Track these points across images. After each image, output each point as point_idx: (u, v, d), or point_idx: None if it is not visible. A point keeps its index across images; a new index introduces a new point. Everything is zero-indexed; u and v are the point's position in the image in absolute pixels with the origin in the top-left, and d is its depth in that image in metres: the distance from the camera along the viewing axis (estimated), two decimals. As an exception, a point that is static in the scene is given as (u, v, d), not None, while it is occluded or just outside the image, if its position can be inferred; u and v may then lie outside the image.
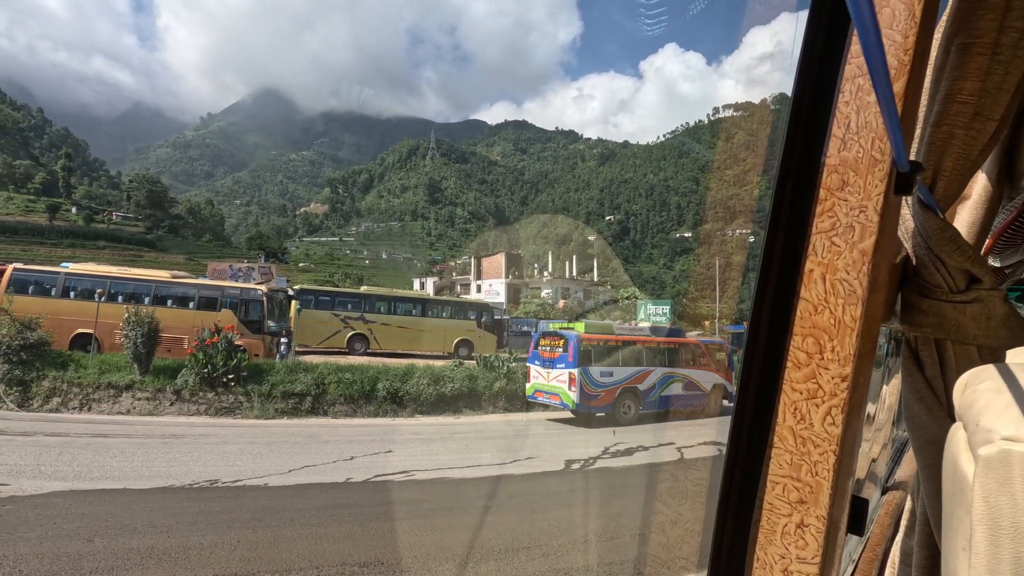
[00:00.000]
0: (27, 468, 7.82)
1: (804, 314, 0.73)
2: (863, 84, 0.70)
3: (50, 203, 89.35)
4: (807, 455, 0.71)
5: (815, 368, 0.71)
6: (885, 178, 0.67)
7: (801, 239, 0.74)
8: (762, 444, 0.77)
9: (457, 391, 15.77)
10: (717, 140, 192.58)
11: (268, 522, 6.20)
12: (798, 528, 0.72)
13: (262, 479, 7.81)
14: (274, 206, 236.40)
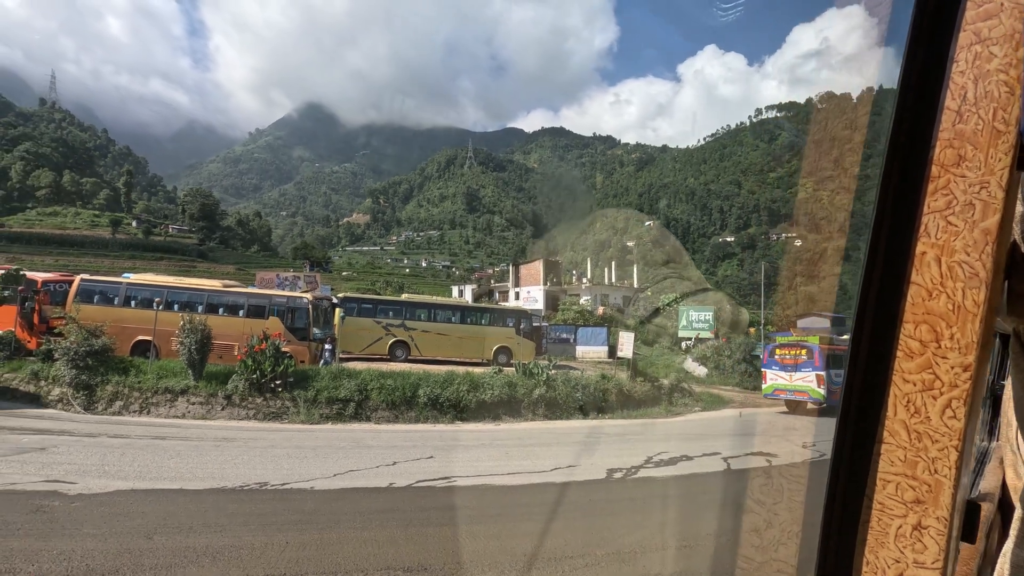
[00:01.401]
0: (92, 468, 8.26)
1: (916, 300, 0.67)
2: (981, 52, 0.64)
3: (113, 217, 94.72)
4: (924, 451, 0.66)
5: (931, 357, 0.66)
6: (1010, 151, 0.61)
7: (910, 220, 0.68)
8: (870, 440, 0.71)
9: (497, 398, 15.78)
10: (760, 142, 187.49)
11: (315, 524, 6.34)
12: (915, 530, 0.66)
13: (309, 482, 8.00)
14: (318, 217, 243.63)
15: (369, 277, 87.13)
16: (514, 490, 8.38)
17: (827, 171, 2.61)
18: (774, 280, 45.96)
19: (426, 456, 10.36)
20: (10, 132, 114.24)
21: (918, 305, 0.67)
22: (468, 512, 7.18)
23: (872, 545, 0.70)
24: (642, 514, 7.67)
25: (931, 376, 0.66)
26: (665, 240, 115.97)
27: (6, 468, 7.97)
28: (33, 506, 6.35)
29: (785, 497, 1.72)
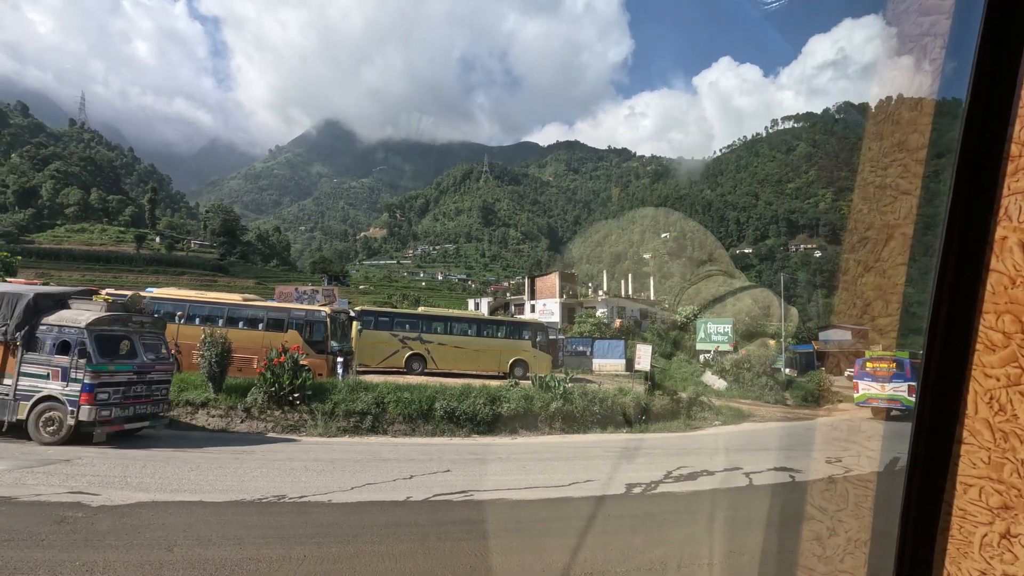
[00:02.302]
0: (115, 479, 8.36)
1: (998, 288, 0.62)
2: None
3: (137, 233, 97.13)
4: (1012, 452, 0.59)
5: (1016, 350, 0.59)
6: None
7: (987, 204, 0.63)
8: (948, 441, 0.65)
9: (513, 411, 15.70)
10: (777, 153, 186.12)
11: (333, 538, 6.32)
12: (1003, 539, 0.59)
13: (326, 495, 8.00)
14: (336, 231, 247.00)
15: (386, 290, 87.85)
16: (532, 504, 8.29)
17: (888, 175, 2.50)
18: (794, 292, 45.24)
19: (443, 470, 10.31)
20: (41, 152, 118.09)
21: (1000, 294, 0.61)
22: (485, 527, 7.11)
23: (953, 555, 0.64)
24: (663, 530, 7.52)
25: (1017, 370, 0.59)
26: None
27: (32, 479, 8.11)
28: (57, 517, 6.44)
29: (851, 503, 1.62)
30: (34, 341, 11.07)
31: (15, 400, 10.87)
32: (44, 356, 11.00)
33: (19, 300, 11.12)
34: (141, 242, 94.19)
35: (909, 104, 1.46)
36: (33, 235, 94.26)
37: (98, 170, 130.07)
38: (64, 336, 11.03)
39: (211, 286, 60.57)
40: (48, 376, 10.93)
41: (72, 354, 10.89)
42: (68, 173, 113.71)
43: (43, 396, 10.84)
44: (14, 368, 10.99)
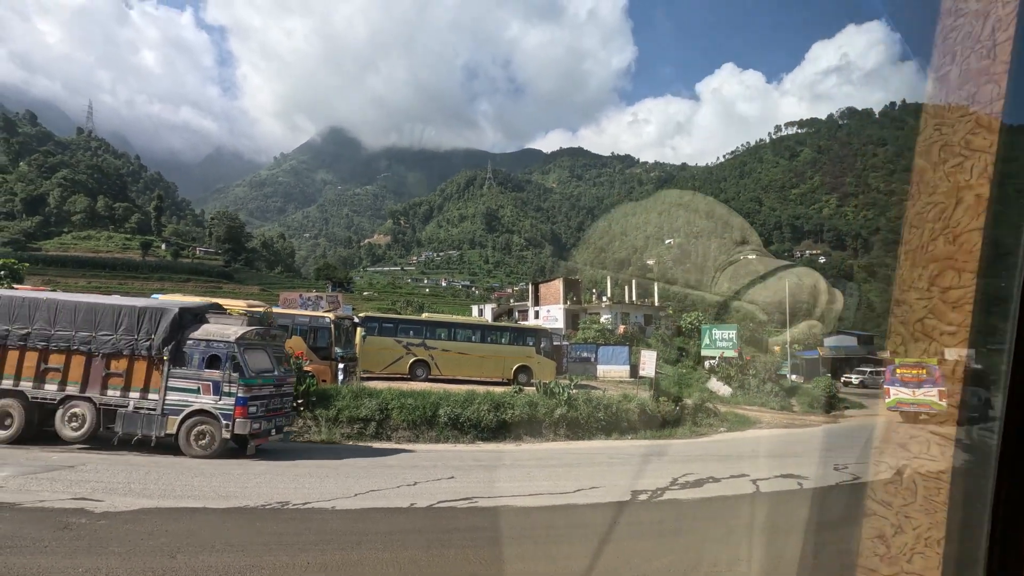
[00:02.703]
0: (119, 486, 8.35)
1: None
2: None
3: (143, 240, 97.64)
4: None
5: None
6: None
7: None
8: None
9: (517, 418, 15.63)
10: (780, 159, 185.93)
11: (336, 545, 6.28)
12: None
13: (330, 502, 7.96)
14: (340, 238, 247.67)
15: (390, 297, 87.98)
16: (536, 511, 8.23)
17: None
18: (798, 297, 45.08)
19: (447, 476, 10.25)
20: (49, 160, 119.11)
21: None
22: (490, 534, 7.05)
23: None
24: (670, 537, 7.44)
25: None
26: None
27: (36, 485, 8.11)
28: (61, 523, 6.42)
29: (920, 497, 1.50)
30: (181, 356, 11.11)
31: (163, 415, 10.93)
32: (193, 370, 11.06)
33: (163, 316, 11.21)
34: (147, 249, 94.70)
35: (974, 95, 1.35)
36: (40, 242, 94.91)
37: (105, 178, 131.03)
38: (213, 350, 11.07)
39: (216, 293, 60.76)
40: (198, 390, 10.97)
41: (223, 368, 10.96)
42: (75, 181, 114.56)
43: (194, 410, 10.90)
44: (159, 383, 11.05)
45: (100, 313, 11.37)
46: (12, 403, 11.02)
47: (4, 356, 11.25)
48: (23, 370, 11.23)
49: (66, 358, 11.25)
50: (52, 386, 11.21)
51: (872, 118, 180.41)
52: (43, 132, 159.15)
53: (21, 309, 11.38)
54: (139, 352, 11.13)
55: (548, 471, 11.64)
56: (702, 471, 11.20)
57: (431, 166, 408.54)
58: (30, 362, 11.24)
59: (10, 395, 11.09)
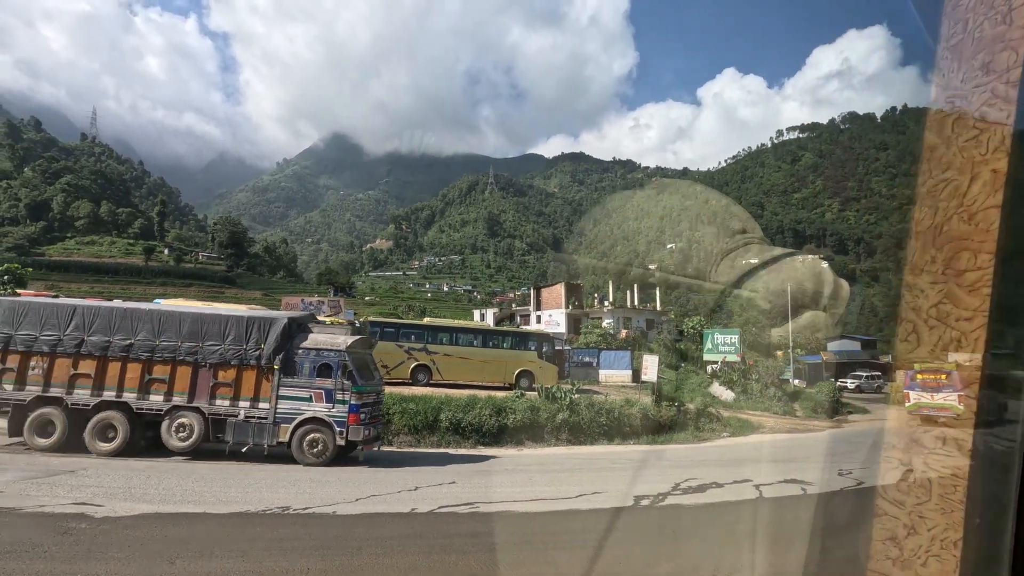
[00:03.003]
0: (119, 490, 8.33)
1: None
2: None
3: (146, 245, 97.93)
4: None
5: None
6: None
7: None
8: None
9: (519, 422, 15.58)
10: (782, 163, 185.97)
11: (337, 550, 6.24)
12: None
13: (330, 507, 7.93)
14: (342, 243, 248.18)
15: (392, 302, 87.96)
16: (538, 517, 8.18)
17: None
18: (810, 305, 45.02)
19: (448, 481, 10.21)
20: (53, 166, 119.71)
21: None
22: (491, 539, 7.01)
23: None
24: (672, 543, 7.39)
25: None
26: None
27: (36, 490, 8.09)
28: (61, 528, 6.40)
29: (935, 495, 1.39)
30: (291, 365, 11.27)
31: (275, 424, 11.06)
32: (304, 379, 11.25)
33: (272, 325, 11.35)
34: (150, 254, 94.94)
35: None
36: (44, 247, 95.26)
37: (108, 183, 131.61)
38: (324, 359, 11.31)
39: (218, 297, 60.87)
40: (311, 398, 11.18)
41: (335, 376, 11.21)
42: (79, 186, 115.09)
43: (306, 418, 11.09)
44: (269, 392, 11.18)
45: (206, 323, 11.41)
46: (116, 415, 10.99)
47: (105, 367, 11.21)
48: (126, 381, 11.19)
49: (171, 368, 11.24)
50: (158, 397, 11.19)
51: (874, 123, 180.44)
52: (47, 138, 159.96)
53: (123, 320, 11.37)
54: (248, 361, 11.22)
55: (550, 476, 11.59)
56: (705, 476, 11.14)
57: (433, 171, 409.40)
58: (133, 373, 11.21)
59: (113, 407, 11.06)
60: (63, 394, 11.04)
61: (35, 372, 11.11)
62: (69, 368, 11.14)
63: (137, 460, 10.83)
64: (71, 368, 11.14)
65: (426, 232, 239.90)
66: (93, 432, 10.87)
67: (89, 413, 10.99)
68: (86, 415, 10.98)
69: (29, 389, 11.07)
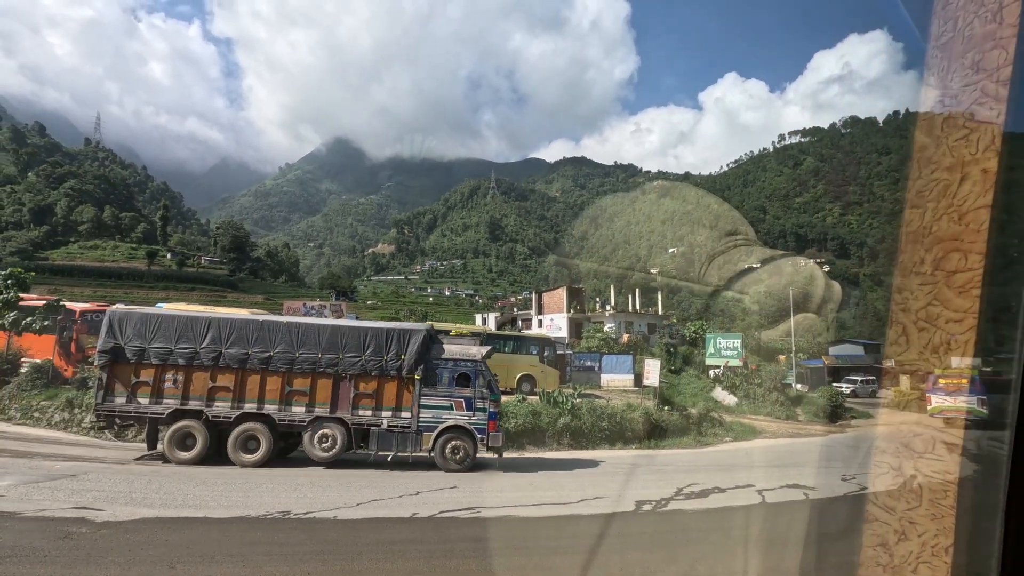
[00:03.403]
0: (120, 495, 8.32)
1: None
2: None
3: (149, 250, 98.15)
4: None
5: None
6: None
7: None
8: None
9: (521, 427, 15.54)
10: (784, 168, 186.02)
11: (337, 555, 6.22)
12: None
13: (331, 512, 7.91)
14: (344, 248, 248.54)
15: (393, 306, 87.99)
16: (540, 522, 8.15)
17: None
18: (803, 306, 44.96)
19: (449, 486, 10.18)
20: (57, 171, 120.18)
21: None
22: (493, 544, 6.98)
23: None
24: (674, 548, 7.35)
25: None
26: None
27: (38, 494, 8.08)
28: (61, 532, 6.39)
29: (926, 500, 1.36)
30: (431, 375, 11.62)
31: (418, 432, 11.37)
32: (444, 388, 11.63)
33: (412, 337, 11.68)
34: (152, 258, 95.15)
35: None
36: (47, 252, 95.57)
37: (112, 188, 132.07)
38: (461, 369, 11.75)
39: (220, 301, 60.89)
40: (451, 407, 11.56)
41: (474, 385, 11.68)
42: (83, 191, 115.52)
43: (448, 426, 11.44)
44: (410, 401, 11.48)
45: (345, 335, 11.58)
46: (258, 427, 11.05)
47: (245, 380, 11.27)
48: (266, 393, 11.26)
49: (312, 380, 11.36)
50: (299, 408, 11.29)
51: (876, 127, 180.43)
52: (52, 143, 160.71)
53: (260, 332, 11.41)
54: (388, 372, 11.46)
55: (552, 481, 11.55)
56: (707, 481, 11.09)
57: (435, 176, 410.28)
58: (273, 385, 11.29)
59: (255, 419, 11.10)
60: (202, 407, 11.06)
61: (171, 385, 11.09)
62: (207, 381, 11.16)
63: (139, 465, 10.83)
64: (209, 381, 11.16)
65: (428, 236, 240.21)
66: (236, 444, 10.95)
67: (231, 425, 11.05)
68: (227, 427, 11.06)
69: (166, 402, 11.04)
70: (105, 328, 11.08)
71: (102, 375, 11.00)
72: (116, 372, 11.00)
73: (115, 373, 11.00)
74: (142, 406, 10.99)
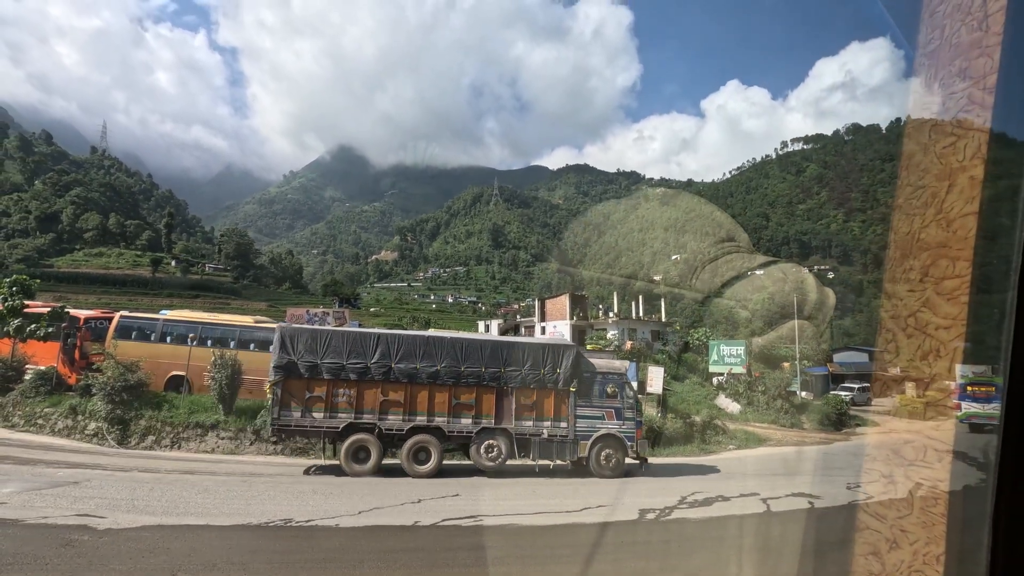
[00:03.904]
0: (122, 502, 8.32)
1: None
2: None
3: (154, 257, 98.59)
4: None
5: None
6: None
7: None
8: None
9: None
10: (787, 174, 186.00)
11: (339, 563, 6.20)
12: None
13: (333, 519, 7.88)
14: (348, 255, 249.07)
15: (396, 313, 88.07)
16: (543, 530, 8.10)
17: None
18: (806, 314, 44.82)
19: (451, 494, 10.14)
20: (63, 179, 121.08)
21: None
22: (495, 553, 6.95)
23: None
24: (677, 558, 7.30)
25: None
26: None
27: (40, 501, 8.09)
28: (63, 540, 6.39)
29: (917, 508, 1.34)
30: (583, 387, 12.40)
31: (575, 441, 12.16)
32: (596, 400, 12.48)
33: (566, 352, 12.47)
34: (157, 266, 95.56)
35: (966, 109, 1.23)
36: (53, 259, 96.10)
37: (117, 196, 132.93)
38: (610, 381, 12.65)
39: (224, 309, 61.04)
40: (603, 417, 12.44)
41: (622, 396, 12.61)
42: (88, 199, 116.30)
43: (601, 435, 12.27)
44: (566, 412, 12.22)
45: (506, 350, 12.29)
46: (430, 439, 11.60)
47: (415, 394, 11.76)
48: (435, 406, 11.78)
49: (476, 393, 11.98)
50: (467, 420, 11.90)
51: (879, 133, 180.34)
52: (58, 151, 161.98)
53: (426, 347, 11.95)
54: (546, 385, 12.14)
55: (554, 489, 11.50)
56: (711, 489, 11.02)
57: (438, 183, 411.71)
58: (441, 398, 11.83)
59: (426, 431, 11.69)
60: (375, 420, 11.51)
61: (344, 400, 11.46)
62: (378, 395, 11.62)
63: (142, 472, 10.83)
64: (380, 395, 11.62)
65: (431, 243, 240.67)
66: (409, 456, 11.46)
67: (403, 438, 11.56)
68: (398, 440, 11.59)
69: (340, 416, 11.43)
70: (278, 344, 11.42)
71: (277, 390, 11.32)
72: (289, 387, 11.38)
73: (289, 388, 11.38)
74: (317, 420, 11.37)
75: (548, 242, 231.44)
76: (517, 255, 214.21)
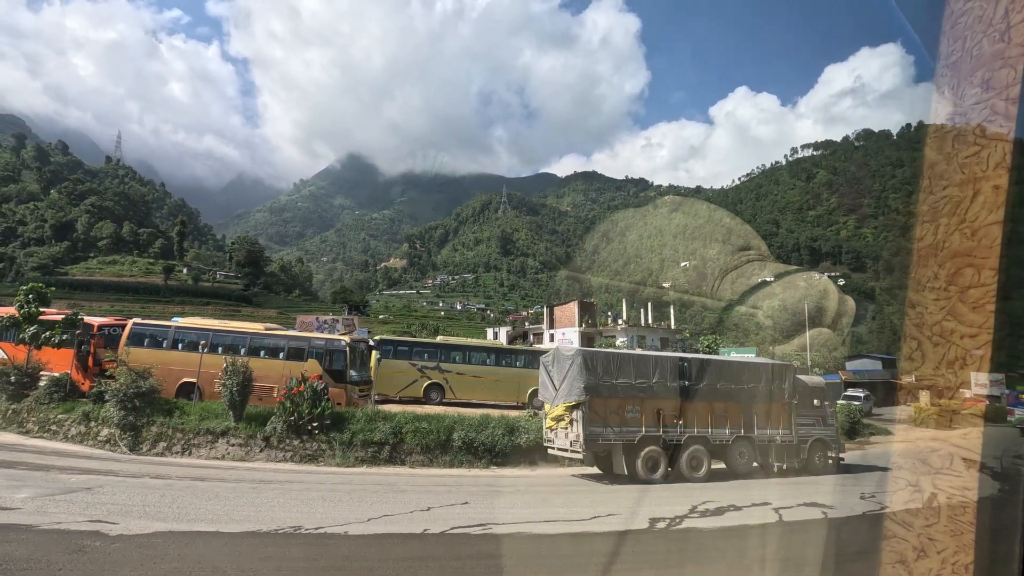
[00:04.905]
0: (134, 508, 8.37)
1: None
2: None
3: (166, 265, 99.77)
4: None
5: None
6: None
7: None
8: None
9: (533, 442, 15.40)
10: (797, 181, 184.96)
11: (348, 571, 6.19)
12: None
13: (342, 527, 7.88)
14: (357, 262, 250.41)
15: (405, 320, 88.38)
16: (552, 539, 8.05)
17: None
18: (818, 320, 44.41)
19: (461, 502, 10.11)
20: (78, 188, 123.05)
21: None
22: (504, 562, 6.90)
23: None
24: (688, 568, 7.20)
25: None
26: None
27: (54, 507, 8.16)
28: (76, 546, 6.44)
29: (944, 517, 1.32)
30: (801, 400, 14.49)
31: (798, 445, 14.28)
32: (807, 409, 14.57)
33: (787, 371, 14.65)
34: (169, 273, 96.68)
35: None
36: (67, 267, 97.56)
37: (131, 204, 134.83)
38: (816, 395, 14.80)
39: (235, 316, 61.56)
40: (814, 424, 14.66)
41: (824, 406, 14.83)
42: (102, 208, 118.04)
43: (815, 440, 14.49)
44: (792, 421, 14.31)
45: (747, 370, 14.41)
46: (700, 448, 13.31)
47: (685, 409, 13.36)
48: (698, 419, 13.49)
49: (726, 407, 13.75)
50: (724, 430, 13.69)
51: (890, 139, 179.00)
52: (74, 161, 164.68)
53: (695, 368, 13.84)
54: (774, 399, 14.13)
55: (564, 497, 11.42)
56: (723, 498, 10.90)
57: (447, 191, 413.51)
58: (703, 411, 13.55)
59: (697, 441, 13.31)
60: (659, 432, 12.99)
61: (634, 415, 12.91)
62: (659, 410, 13.13)
63: (153, 479, 10.90)
64: (661, 410, 13.15)
65: (440, 251, 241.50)
66: (688, 463, 13.04)
67: (680, 448, 13.09)
68: (677, 449, 13.09)
69: (633, 430, 12.79)
70: (585, 367, 12.71)
71: (585, 408, 12.56)
72: (594, 405, 12.63)
73: (593, 406, 12.62)
74: (617, 433, 12.69)
75: (556, 249, 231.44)
76: (525, 262, 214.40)
